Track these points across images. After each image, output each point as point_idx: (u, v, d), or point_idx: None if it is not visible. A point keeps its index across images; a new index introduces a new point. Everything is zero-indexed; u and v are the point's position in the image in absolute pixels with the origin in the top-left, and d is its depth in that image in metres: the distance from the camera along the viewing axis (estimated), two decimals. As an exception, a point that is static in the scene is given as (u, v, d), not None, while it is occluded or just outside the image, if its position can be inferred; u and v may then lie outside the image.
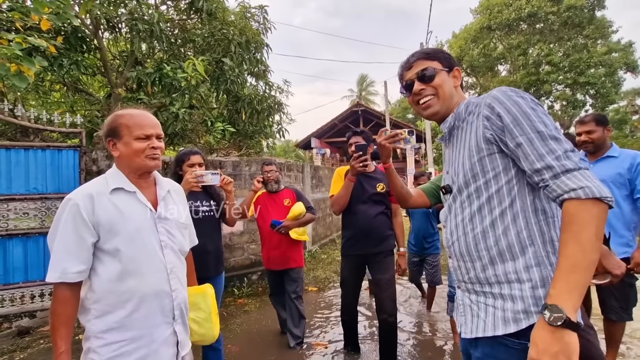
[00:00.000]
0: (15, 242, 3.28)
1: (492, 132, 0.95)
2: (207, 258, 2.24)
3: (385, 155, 1.62)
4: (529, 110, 0.90)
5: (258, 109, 5.93)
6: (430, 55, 1.13)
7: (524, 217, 0.93)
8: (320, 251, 6.72)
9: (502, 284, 0.95)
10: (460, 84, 1.14)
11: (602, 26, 18.92)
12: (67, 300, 1.12)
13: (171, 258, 1.25)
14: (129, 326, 1.15)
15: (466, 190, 1.02)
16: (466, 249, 1.02)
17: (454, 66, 1.13)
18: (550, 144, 0.87)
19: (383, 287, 2.46)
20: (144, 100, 4.67)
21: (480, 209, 0.99)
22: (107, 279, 1.14)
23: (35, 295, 3.35)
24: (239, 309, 3.94)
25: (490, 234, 0.96)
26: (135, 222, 1.18)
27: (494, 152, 0.96)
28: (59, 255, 1.11)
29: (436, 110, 1.12)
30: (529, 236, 0.92)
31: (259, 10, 6.43)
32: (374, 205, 2.47)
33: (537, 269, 0.91)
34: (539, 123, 0.89)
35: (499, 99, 0.94)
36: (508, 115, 0.91)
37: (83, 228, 1.12)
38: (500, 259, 0.95)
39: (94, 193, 1.16)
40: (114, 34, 5.40)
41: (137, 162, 1.22)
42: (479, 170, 0.98)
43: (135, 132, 1.21)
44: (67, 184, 3.56)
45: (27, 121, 3.53)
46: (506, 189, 0.95)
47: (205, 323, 1.48)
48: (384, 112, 18.49)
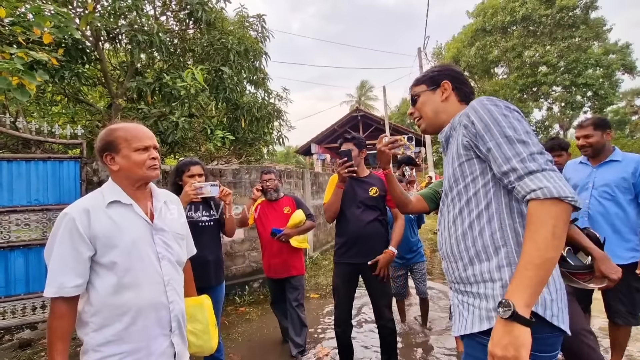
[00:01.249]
0: (16, 254, 3.29)
1: (468, 138, 1.01)
2: (208, 268, 2.24)
3: (384, 161, 1.62)
4: (500, 116, 0.95)
5: (257, 117, 5.96)
6: (418, 80, 1.28)
7: (498, 218, 0.98)
8: (321, 257, 6.70)
9: (479, 284, 1.00)
10: (458, 92, 1.20)
11: (596, 26, 19.05)
12: (64, 314, 1.12)
13: (168, 270, 1.26)
14: (126, 339, 1.15)
15: (450, 194, 1.10)
16: (450, 250, 1.08)
17: (441, 81, 1.20)
18: (517, 147, 0.91)
19: (379, 296, 2.41)
20: (144, 109, 4.71)
21: (461, 211, 1.05)
22: (104, 292, 1.15)
23: (37, 307, 3.34)
24: (240, 318, 3.92)
25: (469, 235, 1.02)
26: (131, 235, 1.19)
27: (472, 158, 1.02)
28: (55, 270, 1.12)
29: (424, 128, 1.27)
30: (502, 237, 0.97)
31: (257, 19, 6.51)
32: (366, 210, 2.38)
33: (507, 269, 0.95)
34: (508, 128, 0.93)
35: (474, 108, 1.01)
36: (480, 123, 0.98)
37: (79, 242, 1.12)
38: (477, 259, 1.00)
39: (90, 207, 1.17)
40: (114, 45, 5.46)
41: (139, 173, 1.23)
42: (459, 174, 1.05)
43: (134, 144, 1.22)
44: (68, 194, 3.58)
45: (29, 133, 3.55)
46: (482, 192, 1.00)
47: (203, 335, 1.47)
48: (384, 117, 18.55)
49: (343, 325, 2.47)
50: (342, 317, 2.46)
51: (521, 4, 18.69)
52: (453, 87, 1.20)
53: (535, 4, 18.36)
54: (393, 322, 2.43)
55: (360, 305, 4.07)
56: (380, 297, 2.42)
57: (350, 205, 2.41)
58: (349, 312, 2.48)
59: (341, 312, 2.46)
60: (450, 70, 1.24)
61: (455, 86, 1.20)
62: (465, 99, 1.21)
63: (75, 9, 4.98)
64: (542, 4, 18.47)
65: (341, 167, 2.15)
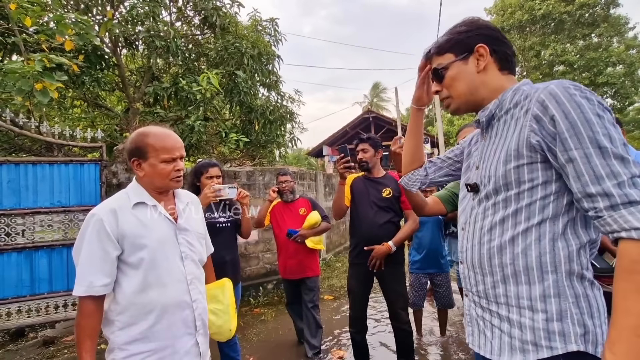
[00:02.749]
0: (41, 254, 3.40)
1: (540, 137, 0.78)
2: (225, 268, 2.27)
3: (400, 162, 1.60)
4: (594, 117, 0.72)
5: (270, 119, 6.01)
6: (441, 48, 0.98)
7: (551, 239, 0.80)
8: (334, 259, 6.68)
9: (511, 307, 0.85)
10: (498, 58, 0.93)
11: (617, 23, 18.51)
12: (92, 313, 1.15)
13: (191, 268, 1.28)
14: (152, 337, 1.17)
15: (494, 197, 0.88)
16: (479, 260, 0.91)
17: (475, 45, 0.92)
18: (614, 165, 0.70)
19: (394, 299, 2.39)
20: (161, 113, 4.81)
21: (504, 220, 0.86)
22: (131, 291, 1.17)
23: (59, 306, 3.44)
24: (255, 319, 3.94)
25: (508, 250, 0.84)
26: (158, 234, 1.22)
27: (536, 162, 0.80)
28: (84, 270, 1.14)
29: (455, 108, 0.99)
30: (552, 262, 0.80)
31: (270, 22, 6.58)
32: (379, 211, 2.37)
33: (555, 300, 0.79)
34: (604, 136, 0.71)
35: (556, 96, 0.75)
36: (565, 121, 0.73)
37: (107, 242, 1.15)
38: (515, 279, 0.84)
39: (117, 207, 1.19)
40: (131, 51, 5.61)
41: (163, 183, 1.26)
42: (513, 179, 0.83)
43: (162, 155, 1.24)
44: (88, 196, 3.68)
45: (52, 137, 3.68)
46: (539, 205, 0.81)
47: (224, 315, 1.51)
48: (396, 119, 18.43)
49: (358, 326, 2.46)
50: (357, 318, 2.45)
51: (541, 1, 18.31)
52: (491, 51, 0.92)
53: (555, 1, 17.95)
54: (409, 324, 2.40)
55: (376, 307, 4.04)
56: (396, 299, 2.40)
57: (364, 206, 2.41)
58: (363, 313, 2.47)
59: (356, 313, 2.45)
60: (484, 28, 0.94)
61: (494, 49, 0.92)
62: (508, 66, 0.94)
63: (95, 17, 5.14)
64: (562, 1, 18.05)
65: (339, 164, 2.11)
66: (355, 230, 2.47)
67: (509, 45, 0.94)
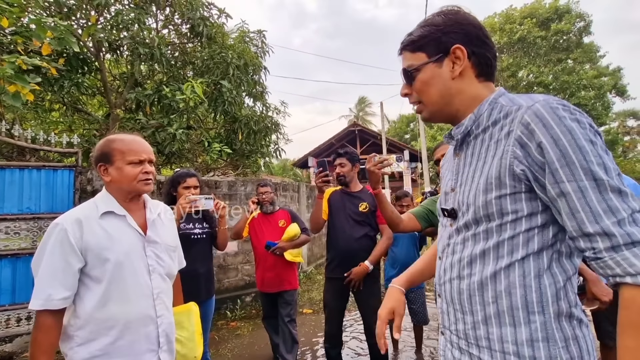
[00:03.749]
0: (4, 263, 3.23)
1: (526, 166, 0.68)
2: (198, 281, 2.21)
3: (374, 181, 1.63)
4: (587, 143, 0.63)
5: (255, 129, 6.01)
6: (414, 43, 0.83)
7: (536, 275, 0.71)
8: (315, 272, 6.63)
9: (494, 352, 0.74)
10: (477, 62, 0.80)
11: (590, 50, 19.67)
12: (50, 328, 1.09)
13: (158, 282, 1.24)
14: (112, 354, 1.12)
15: (474, 227, 0.78)
16: (458, 296, 0.81)
17: (451, 46, 0.79)
18: (611, 200, 0.61)
19: (371, 314, 2.38)
20: (142, 120, 4.73)
21: (485, 253, 0.76)
22: (92, 304, 1.12)
23: (22, 319, 3.26)
24: (231, 333, 3.84)
25: (490, 287, 0.75)
26: (124, 247, 1.18)
27: (520, 192, 0.71)
28: (44, 282, 1.09)
29: (427, 117, 0.87)
30: (539, 301, 0.71)
31: (258, 34, 6.65)
32: (356, 225, 2.39)
33: (544, 344, 0.70)
34: (598, 165, 0.62)
35: (543, 119, 0.65)
36: (554, 149, 0.64)
37: (70, 254, 1.11)
38: (498, 320, 0.74)
39: (83, 218, 1.15)
40: (115, 56, 5.54)
41: (131, 186, 1.23)
42: (495, 210, 0.73)
43: (128, 157, 1.21)
44: (60, 203, 3.54)
45: (24, 141, 3.55)
46: (523, 238, 0.72)
47: (188, 342, 1.45)
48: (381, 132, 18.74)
49: (333, 341, 2.44)
50: (332, 333, 2.43)
51: (519, 24, 19.29)
52: (469, 53, 0.78)
53: (531, 26, 18.96)
54: None
55: (351, 322, 4.00)
56: (372, 314, 2.39)
57: (341, 220, 2.42)
58: (339, 329, 2.46)
59: (331, 328, 2.43)
60: (465, 24, 0.80)
61: (473, 51, 0.79)
62: (487, 71, 0.81)
63: (79, 21, 5.06)
64: (538, 26, 19.08)
65: (317, 177, 2.16)
66: (331, 244, 2.47)
67: (490, 46, 0.81)
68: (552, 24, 18.92)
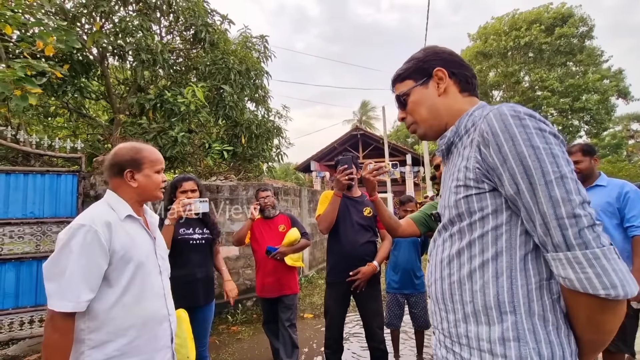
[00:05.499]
0: (8, 267, 3.26)
1: (485, 170, 0.76)
2: (197, 286, 2.22)
3: (370, 188, 1.64)
4: (526, 148, 0.69)
5: (256, 133, 6.05)
6: (401, 75, 0.98)
7: (509, 276, 0.75)
8: (317, 276, 6.62)
9: (472, 350, 0.78)
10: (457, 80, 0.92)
11: (593, 54, 19.63)
12: (70, 330, 1.08)
13: (166, 282, 1.32)
14: (130, 353, 1.14)
15: (450, 228, 0.85)
16: (442, 295, 0.86)
17: (432, 69, 0.92)
18: (542, 204, 0.68)
19: (372, 317, 2.39)
20: (144, 124, 4.78)
21: (460, 253, 0.81)
22: (109, 306, 1.14)
23: (25, 322, 3.28)
24: (231, 337, 3.84)
25: (467, 287, 0.79)
26: (144, 249, 1.25)
27: (485, 191, 0.77)
28: (73, 283, 1.06)
29: (422, 134, 0.97)
30: (510, 301, 0.74)
31: (260, 39, 6.71)
32: (360, 230, 2.40)
33: (515, 344, 0.73)
34: (535, 169, 0.68)
35: (492, 127, 0.73)
36: (498, 154, 0.71)
37: (101, 255, 1.12)
38: (474, 319, 0.78)
39: (111, 221, 1.17)
40: (120, 62, 5.61)
41: (153, 193, 1.31)
42: (464, 209, 0.80)
43: (156, 166, 1.30)
44: (64, 208, 3.58)
45: (29, 146, 3.59)
46: (492, 236, 0.77)
47: (182, 349, 1.49)
48: (383, 137, 18.77)
49: (334, 346, 2.43)
50: (333, 339, 2.42)
51: (526, 29, 19.29)
52: (450, 73, 0.91)
53: (537, 32, 18.96)
54: (385, 344, 2.39)
55: (350, 325, 3.99)
56: (373, 318, 2.39)
57: (345, 225, 2.41)
58: (340, 333, 2.45)
59: (332, 333, 2.42)
60: (441, 53, 0.94)
61: (452, 72, 0.91)
62: (469, 88, 0.92)
63: (84, 27, 5.14)
64: (543, 32, 19.09)
65: (341, 174, 2.06)
66: (335, 248, 2.46)
67: (468, 67, 0.94)
68: (557, 28, 18.93)
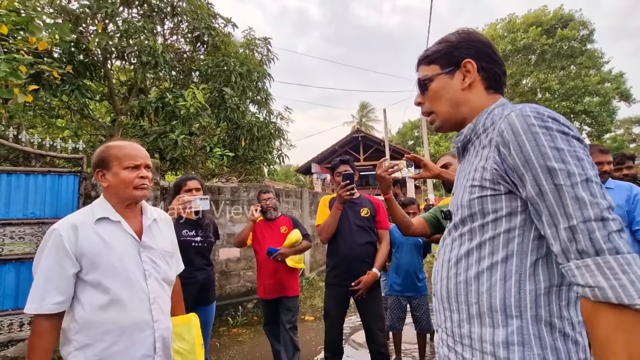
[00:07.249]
0: (8, 268, 3.25)
1: (503, 171, 0.73)
2: (197, 288, 2.21)
3: (385, 186, 1.61)
4: (550, 150, 0.66)
5: (258, 136, 6.05)
6: (429, 57, 0.91)
7: (517, 280, 0.73)
8: (318, 278, 6.59)
9: (474, 351, 0.77)
10: (486, 76, 0.86)
11: (594, 56, 19.62)
12: (45, 332, 1.10)
13: (154, 287, 1.24)
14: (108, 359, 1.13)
15: (461, 228, 0.83)
16: (447, 294, 0.84)
17: (462, 60, 0.85)
18: (568, 207, 0.64)
19: (372, 319, 2.37)
20: (145, 126, 4.78)
21: (469, 254, 0.79)
22: (89, 309, 1.13)
23: (25, 323, 3.26)
24: (232, 340, 3.82)
25: (473, 288, 0.78)
26: (118, 252, 1.19)
27: (501, 193, 0.74)
28: (39, 286, 1.11)
29: (438, 126, 0.92)
30: (517, 305, 0.72)
31: (263, 42, 6.72)
32: (359, 231, 2.41)
33: (519, 349, 0.71)
34: (560, 171, 0.64)
35: (514, 127, 0.70)
36: (519, 155, 0.68)
37: (65, 259, 1.12)
38: (479, 320, 0.77)
39: (78, 223, 1.17)
40: (122, 63, 5.63)
41: (126, 192, 1.24)
42: (477, 209, 0.78)
43: (124, 163, 1.23)
44: (65, 208, 3.57)
45: (30, 147, 3.59)
46: (503, 239, 0.75)
47: (189, 355, 1.44)
48: (384, 139, 18.76)
49: (334, 349, 2.42)
50: (333, 341, 2.42)
51: (523, 32, 19.30)
52: (479, 67, 0.85)
53: (536, 34, 18.96)
54: (386, 347, 2.37)
55: (350, 328, 3.97)
56: (374, 321, 2.37)
57: (344, 226, 2.42)
58: (340, 336, 2.44)
59: (332, 337, 2.42)
60: (476, 42, 0.87)
61: (482, 66, 0.85)
62: (496, 86, 0.87)
63: (87, 28, 5.16)
64: (543, 34, 19.09)
65: (343, 189, 2.22)
66: (334, 250, 2.46)
67: (499, 63, 0.87)
68: (558, 31, 18.94)
